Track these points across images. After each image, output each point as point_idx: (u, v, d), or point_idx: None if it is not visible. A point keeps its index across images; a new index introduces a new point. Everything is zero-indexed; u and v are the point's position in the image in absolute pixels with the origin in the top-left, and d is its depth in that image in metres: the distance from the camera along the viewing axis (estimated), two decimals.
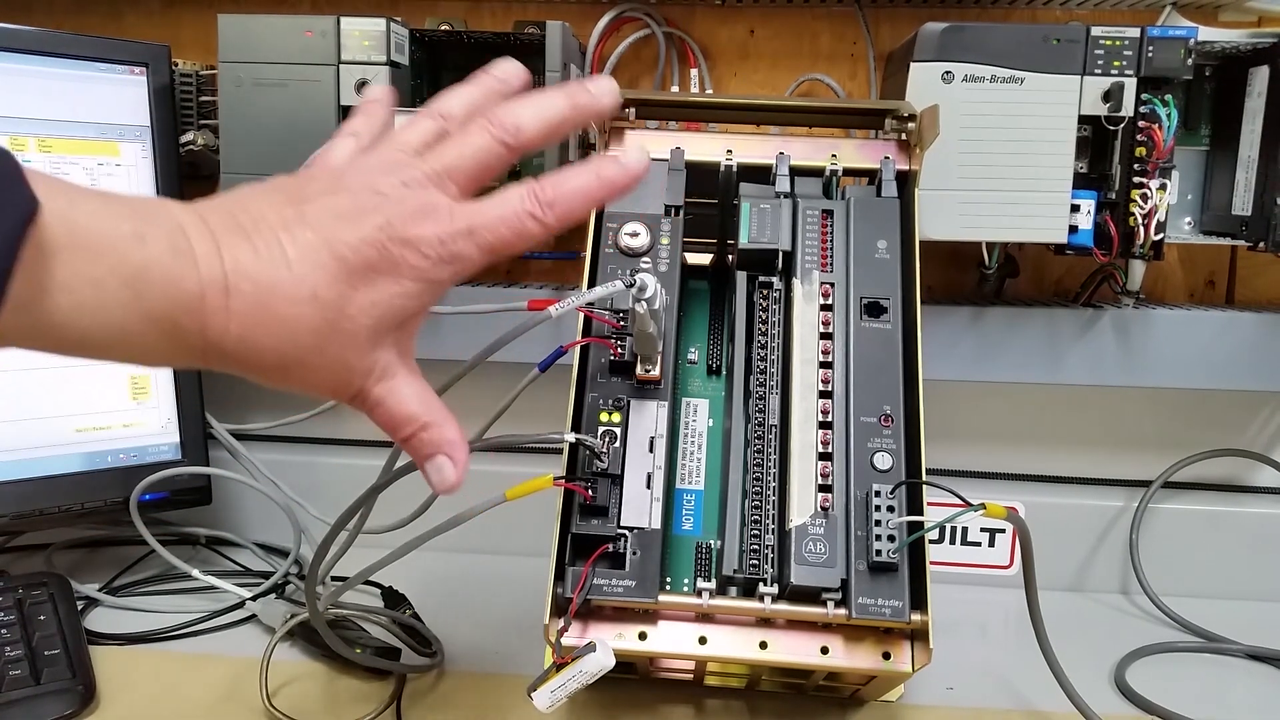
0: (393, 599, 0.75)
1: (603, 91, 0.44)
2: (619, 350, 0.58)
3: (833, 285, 0.60)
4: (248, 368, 0.37)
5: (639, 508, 0.55)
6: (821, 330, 0.59)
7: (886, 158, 0.64)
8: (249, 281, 0.36)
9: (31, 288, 0.32)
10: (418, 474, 0.52)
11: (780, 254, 0.61)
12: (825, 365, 0.58)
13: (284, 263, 0.36)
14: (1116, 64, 0.69)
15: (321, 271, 0.37)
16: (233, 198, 0.38)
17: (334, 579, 0.72)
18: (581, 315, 0.58)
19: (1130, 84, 0.69)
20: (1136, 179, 0.71)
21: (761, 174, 0.64)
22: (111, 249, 0.33)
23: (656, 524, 0.55)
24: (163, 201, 0.37)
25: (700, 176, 0.65)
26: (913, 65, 0.70)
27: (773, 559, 0.55)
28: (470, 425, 0.57)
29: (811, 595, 0.54)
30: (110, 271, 0.33)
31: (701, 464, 0.60)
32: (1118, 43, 0.69)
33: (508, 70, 0.46)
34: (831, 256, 0.61)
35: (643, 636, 0.55)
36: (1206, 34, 0.71)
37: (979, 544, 0.86)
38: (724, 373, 0.63)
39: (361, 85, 0.72)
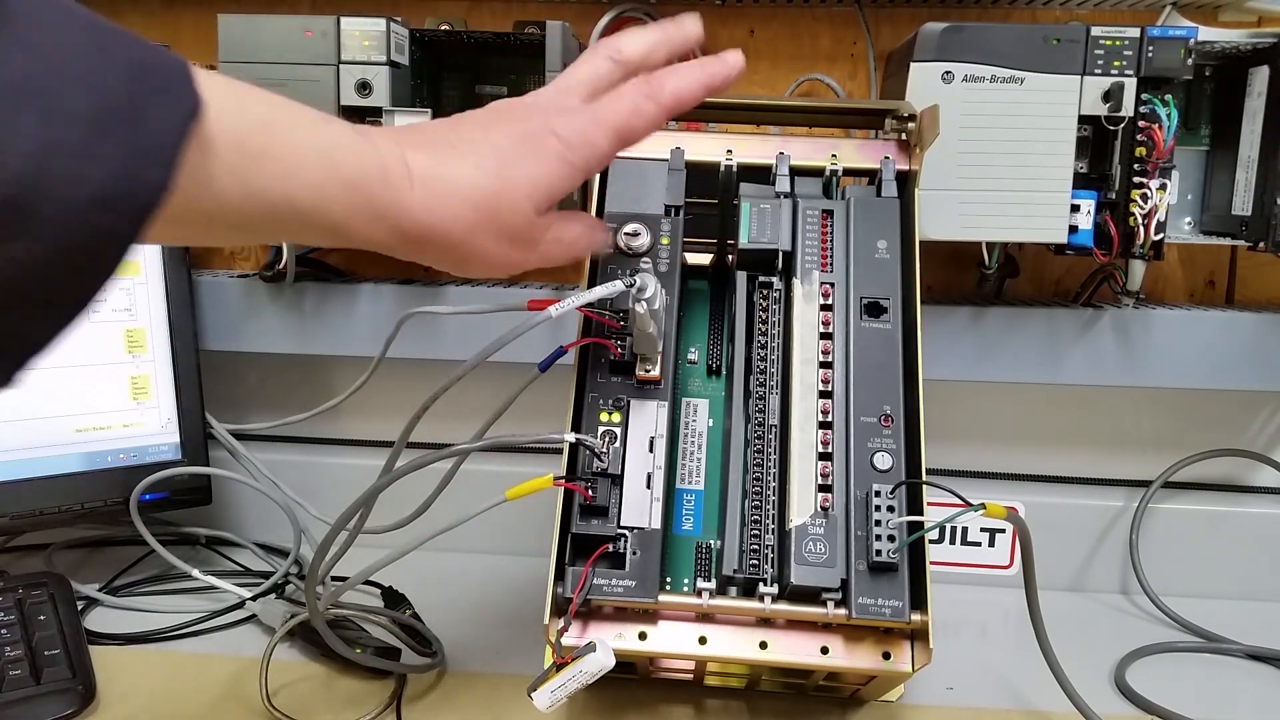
0: (393, 599, 0.75)
1: (729, 59, 0.51)
2: (619, 350, 0.58)
3: (833, 285, 0.60)
4: (434, 242, 0.44)
5: (639, 508, 0.55)
6: (821, 330, 0.59)
7: (886, 158, 0.64)
8: (424, 162, 0.43)
9: (227, 161, 0.36)
10: (417, 474, 0.53)
11: (780, 254, 0.61)
12: (825, 365, 0.58)
13: (452, 149, 0.44)
14: (1116, 64, 0.69)
15: (484, 155, 0.44)
16: (392, 128, 0.46)
17: (334, 579, 0.72)
18: (581, 315, 0.58)
19: (1130, 84, 0.69)
20: (1136, 179, 0.71)
21: (761, 174, 0.64)
22: (304, 127, 0.40)
23: (656, 524, 0.55)
24: None
25: (700, 176, 0.64)
26: (913, 65, 0.70)
27: (773, 559, 0.55)
28: (470, 425, 0.57)
29: (811, 595, 0.54)
30: (306, 144, 0.39)
31: (701, 464, 0.60)
32: (1118, 43, 0.69)
33: (689, 29, 0.52)
34: (831, 256, 0.61)
35: (643, 636, 0.55)
36: (1206, 34, 0.71)
37: (979, 544, 0.86)
38: (724, 373, 0.63)
39: (362, 85, 0.72)
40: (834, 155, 0.65)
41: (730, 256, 0.64)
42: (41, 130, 0.28)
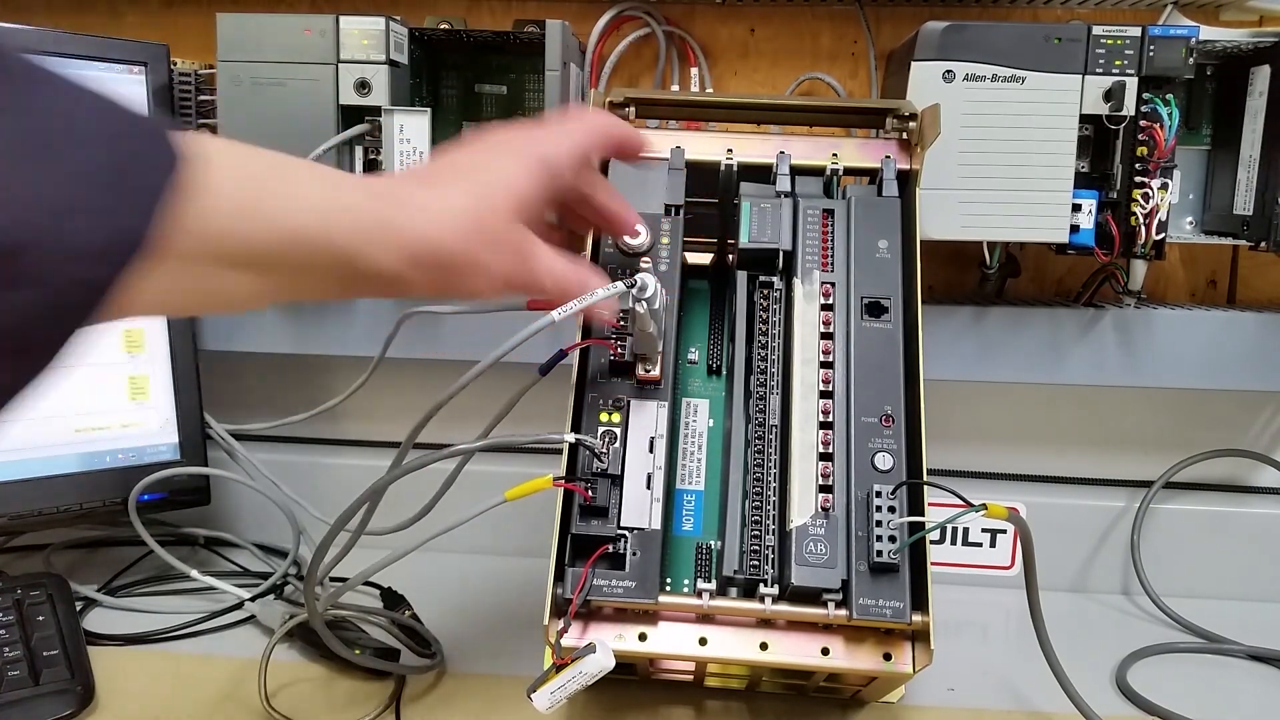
0: (392, 600, 0.75)
1: None
2: (619, 350, 0.57)
3: (833, 285, 0.60)
4: (436, 256, 0.45)
5: (639, 508, 0.55)
6: (822, 330, 0.59)
7: (887, 157, 0.64)
8: (416, 191, 0.45)
9: (232, 201, 0.37)
10: (415, 475, 0.53)
11: (781, 253, 0.61)
12: (826, 365, 0.58)
13: (439, 177, 0.47)
14: (1118, 63, 0.69)
15: (464, 173, 0.47)
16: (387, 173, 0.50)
17: (333, 580, 0.72)
18: (581, 315, 0.58)
19: (1131, 83, 0.69)
20: (1138, 178, 0.71)
21: (762, 173, 0.64)
22: (305, 168, 0.42)
23: (656, 524, 0.55)
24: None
25: (700, 176, 0.64)
26: (914, 64, 0.70)
27: (773, 559, 0.55)
28: (469, 425, 0.57)
29: (812, 596, 0.54)
30: (308, 178, 0.42)
31: (702, 464, 0.60)
32: (1119, 42, 0.69)
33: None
34: (832, 256, 0.61)
35: (643, 637, 0.55)
36: (1208, 33, 0.71)
37: (980, 545, 0.86)
38: (724, 373, 0.63)
39: (361, 84, 0.72)
40: (835, 154, 0.65)
41: (730, 256, 0.63)
42: (32, 186, 0.30)
